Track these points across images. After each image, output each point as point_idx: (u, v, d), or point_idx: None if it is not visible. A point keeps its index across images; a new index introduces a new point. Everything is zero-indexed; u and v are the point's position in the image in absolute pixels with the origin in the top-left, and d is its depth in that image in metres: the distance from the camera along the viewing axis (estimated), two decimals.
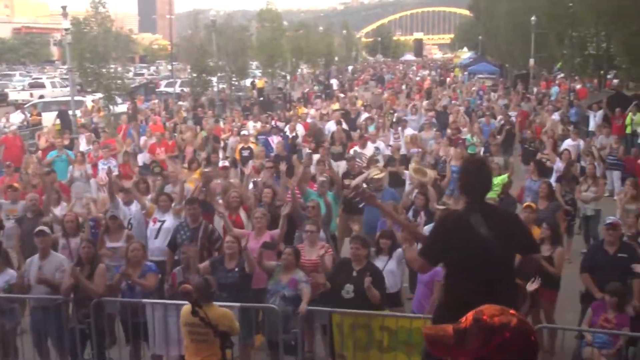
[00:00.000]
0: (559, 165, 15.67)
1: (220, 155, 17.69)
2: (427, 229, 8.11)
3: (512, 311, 2.48)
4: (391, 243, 9.28)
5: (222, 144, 19.89)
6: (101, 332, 8.69)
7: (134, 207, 11.60)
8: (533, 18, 38.90)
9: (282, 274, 8.58)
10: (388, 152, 17.71)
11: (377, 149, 17.87)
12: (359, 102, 32.39)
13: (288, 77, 61.01)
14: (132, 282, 8.68)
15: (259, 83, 50.12)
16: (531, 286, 7.92)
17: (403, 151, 18.18)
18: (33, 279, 8.96)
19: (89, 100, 33.35)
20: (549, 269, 9.35)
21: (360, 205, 9.62)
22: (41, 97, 46.23)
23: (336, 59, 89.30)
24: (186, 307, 7.19)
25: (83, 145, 19.08)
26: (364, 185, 6.90)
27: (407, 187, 13.59)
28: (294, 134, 20.87)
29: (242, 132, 20.11)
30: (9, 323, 9.12)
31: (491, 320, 2.47)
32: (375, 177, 12.69)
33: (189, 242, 9.86)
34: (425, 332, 2.65)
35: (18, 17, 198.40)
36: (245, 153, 17.93)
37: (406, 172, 14.35)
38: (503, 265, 5.20)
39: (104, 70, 31.79)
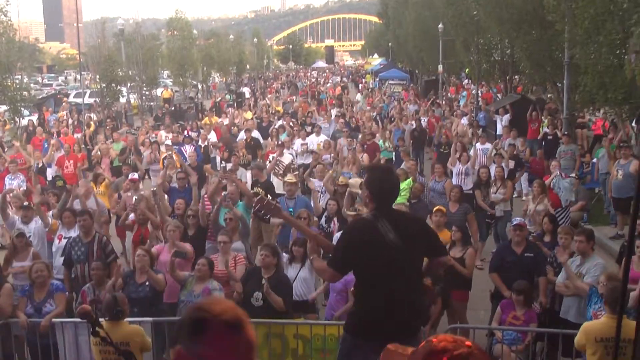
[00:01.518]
0: (459, 167, 16.16)
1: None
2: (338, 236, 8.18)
3: (467, 342, 2.48)
4: (304, 251, 9.29)
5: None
6: (9, 356, 8.42)
7: (34, 224, 11.27)
8: (440, 25, 39.69)
9: (195, 284, 8.54)
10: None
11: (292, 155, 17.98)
12: (279, 109, 32.43)
13: (200, 86, 60.59)
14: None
15: (165, 93, 49.52)
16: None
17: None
18: None
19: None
20: (460, 269, 9.59)
21: (266, 217, 9.15)
22: None
23: (248, 67, 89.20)
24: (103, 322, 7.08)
25: None
26: (268, 197, 6.70)
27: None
28: (205, 143, 20.74)
29: (166, 143, 19.88)
30: None
31: (437, 344, 2.50)
32: (289, 181, 12.77)
33: (85, 257, 9.64)
34: (387, 349, 2.67)
35: None
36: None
37: (314, 180, 14.37)
38: (412, 269, 5.26)
39: (8, 81, 30.88)
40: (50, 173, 18.51)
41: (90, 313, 5.67)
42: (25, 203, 11.75)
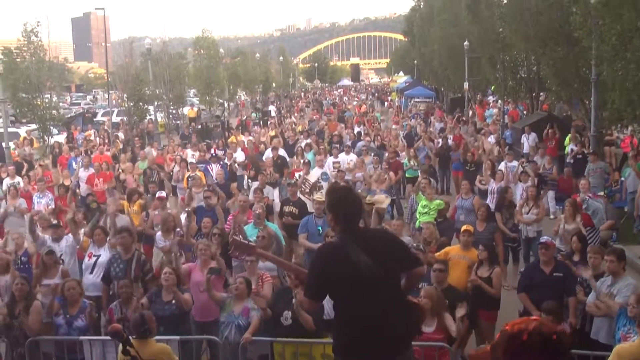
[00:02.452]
0: (492, 186, 16.04)
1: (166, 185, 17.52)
2: None
3: (534, 317, 2.75)
4: None
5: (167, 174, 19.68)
6: None
7: (64, 242, 11.38)
8: (466, 43, 39.68)
9: (234, 305, 8.52)
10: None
11: (324, 174, 17.96)
12: (299, 127, 32.50)
13: (226, 105, 60.91)
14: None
15: (191, 112, 49.78)
16: (459, 312, 8.07)
17: (347, 176, 18.23)
18: None
19: (23, 131, 32.73)
20: (487, 289, 9.52)
21: (242, 258, 8.92)
22: None
23: (274, 85, 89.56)
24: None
25: (6, 180, 18.46)
26: (239, 237, 6.58)
27: None
28: (231, 162, 20.82)
29: (191, 161, 20.00)
30: None
31: (512, 328, 2.75)
32: (318, 199, 12.75)
33: (123, 274, 9.73)
34: (471, 355, 2.92)
35: None
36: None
37: None
38: (388, 287, 5.10)
39: (38, 100, 31.28)
40: (82, 191, 18.58)
41: (120, 332, 5.70)
42: (55, 221, 11.85)
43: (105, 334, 8.63)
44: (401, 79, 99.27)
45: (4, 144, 27.51)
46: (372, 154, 20.87)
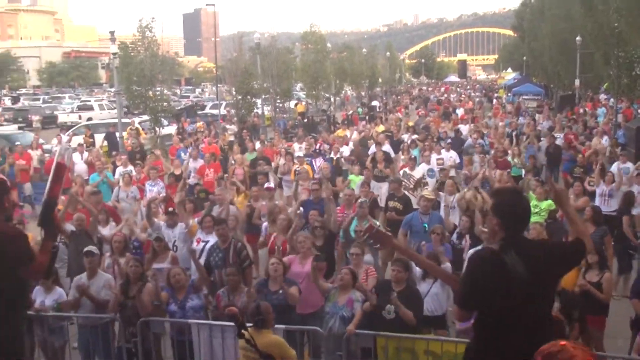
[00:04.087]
0: (602, 188, 15.51)
1: (271, 177, 17.78)
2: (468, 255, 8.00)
3: (561, 342, 2.67)
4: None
5: (273, 165, 19.97)
6: (147, 352, 8.79)
7: (178, 229, 11.73)
8: (578, 38, 38.58)
9: (339, 295, 8.59)
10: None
11: (430, 170, 17.85)
12: (409, 123, 32.34)
13: (332, 99, 61.24)
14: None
15: (299, 107, 50.21)
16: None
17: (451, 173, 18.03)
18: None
19: (137, 122, 33.92)
20: (597, 294, 9.24)
21: (375, 247, 8.79)
22: (89, 119, 47.21)
23: (380, 80, 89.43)
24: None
25: (120, 168, 19.16)
26: (378, 225, 6.04)
27: (442, 210, 13.44)
28: (337, 156, 20.91)
29: (297, 155, 20.25)
30: (58, 341, 9.34)
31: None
32: (427, 195, 12.66)
33: (222, 263, 9.97)
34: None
35: (68, 42, 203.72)
36: None
37: (442, 194, 14.24)
38: (541, 305, 4.78)
39: (150, 92, 32.31)
40: (191, 181, 19.05)
41: (237, 315, 5.80)
42: (170, 209, 12.22)
43: (212, 318, 8.87)
44: (509, 75, 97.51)
45: (117, 134, 28.61)
46: (479, 153, 20.54)
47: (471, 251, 9.16)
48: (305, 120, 42.62)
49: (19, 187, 20.14)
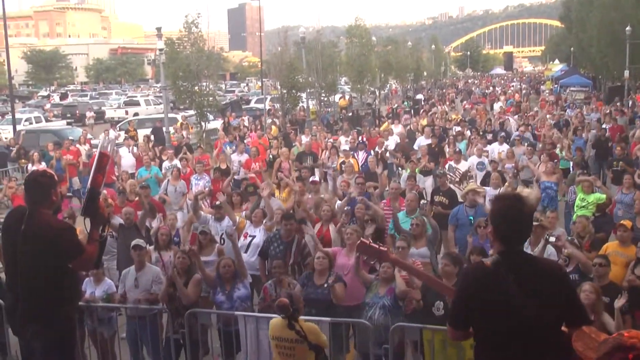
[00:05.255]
0: None
1: (317, 171, 17.82)
2: None
3: None
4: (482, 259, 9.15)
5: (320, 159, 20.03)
6: (195, 342, 8.89)
7: (226, 222, 11.82)
8: (628, 28, 37.88)
9: (380, 287, 8.58)
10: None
11: (480, 163, 17.71)
12: (454, 116, 32.13)
13: (377, 93, 61.07)
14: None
15: (342, 102, 50.13)
16: (618, 302, 7.62)
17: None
18: (129, 290, 9.38)
19: (180, 117, 34.26)
20: None
21: (372, 262, 8.37)
22: (136, 114, 47.93)
23: (425, 74, 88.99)
24: (275, 320, 7.29)
25: (166, 162, 19.38)
26: (369, 241, 5.31)
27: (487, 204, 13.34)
28: (382, 150, 20.86)
29: (343, 148, 20.27)
30: (107, 332, 9.52)
31: (627, 340, 2.54)
32: (477, 190, 12.58)
33: (282, 255, 10.04)
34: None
35: (115, 39, 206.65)
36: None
37: (487, 189, 14.14)
38: (541, 332, 4.19)
39: (196, 88, 32.56)
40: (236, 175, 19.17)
41: (287, 306, 5.83)
42: (217, 202, 12.33)
43: (259, 310, 8.94)
44: (556, 67, 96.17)
45: (164, 129, 28.92)
46: (526, 144, 20.30)
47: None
48: (350, 114, 42.59)
49: (69, 181, 20.51)
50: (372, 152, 20.31)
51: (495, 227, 4.38)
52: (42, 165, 19.87)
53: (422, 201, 11.49)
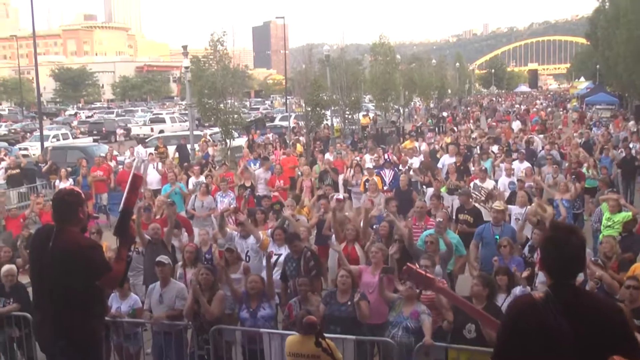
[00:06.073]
0: None
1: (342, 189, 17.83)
2: None
3: None
4: (508, 280, 9.10)
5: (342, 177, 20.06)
6: (219, 359, 8.91)
7: (251, 239, 11.86)
8: None
9: (403, 306, 8.54)
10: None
11: (512, 183, 17.60)
12: (479, 135, 32.04)
13: (401, 110, 61.06)
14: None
15: (363, 120, 49.94)
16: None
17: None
18: (154, 305, 9.45)
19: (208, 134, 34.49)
20: None
21: (417, 290, 8.28)
22: (161, 131, 48.20)
23: (449, 91, 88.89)
24: (291, 337, 7.33)
25: (192, 179, 19.50)
26: (416, 266, 4.98)
27: (513, 222, 13.30)
28: (406, 168, 20.83)
29: (367, 166, 20.31)
30: (132, 347, 9.60)
31: None
32: (495, 207, 12.54)
33: (296, 272, 10.14)
34: None
35: (141, 57, 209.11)
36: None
37: (511, 207, 14.10)
38: None
39: (221, 105, 32.76)
40: (261, 191, 19.21)
41: (315, 324, 5.81)
42: (242, 219, 12.37)
43: (283, 328, 8.94)
44: (582, 84, 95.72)
45: (189, 146, 29.13)
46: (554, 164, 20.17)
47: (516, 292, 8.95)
48: (374, 132, 42.56)
49: (95, 197, 20.70)
50: (397, 169, 20.32)
51: (544, 257, 4.21)
52: (70, 182, 20.09)
53: (438, 219, 11.46)
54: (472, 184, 17.13)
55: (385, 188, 17.84)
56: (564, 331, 3.87)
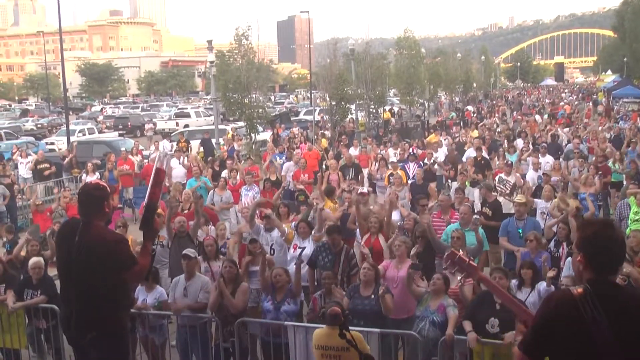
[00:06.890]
0: None
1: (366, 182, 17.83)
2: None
3: None
4: (533, 274, 9.05)
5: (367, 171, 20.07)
6: (244, 351, 8.97)
7: (276, 233, 11.88)
8: None
9: (431, 300, 8.53)
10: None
11: (540, 177, 17.49)
12: (504, 130, 31.86)
13: (426, 104, 60.85)
14: None
15: (385, 114, 49.67)
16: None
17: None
18: (179, 298, 9.48)
19: (230, 128, 34.64)
20: None
21: (459, 278, 7.94)
22: (186, 126, 48.45)
23: (474, 85, 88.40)
24: (319, 330, 7.31)
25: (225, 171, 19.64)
26: (460, 253, 4.91)
27: (538, 216, 13.23)
28: (431, 161, 20.77)
29: (391, 160, 20.30)
30: (158, 339, 9.67)
31: None
32: (517, 200, 12.48)
33: (331, 265, 10.05)
34: None
35: (166, 51, 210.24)
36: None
37: (537, 201, 14.02)
38: None
39: (246, 99, 32.85)
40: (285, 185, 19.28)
41: (339, 315, 5.79)
42: (268, 212, 12.40)
43: (308, 320, 8.97)
44: (609, 77, 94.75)
45: (214, 140, 29.24)
46: (578, 157, 20.03)
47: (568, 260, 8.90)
48: (399, 126, 42.46)
49: (121, 190, 20.86)
50: (422, 163, 20.28)
51: (584, 254, 4.03)
52: (96, 176, 20.26)
53: (475, 216, 11.40)
54: (497, 178, 17.05)
55: (409, 182, 17.81)
56: (603, 327, 3.75)
